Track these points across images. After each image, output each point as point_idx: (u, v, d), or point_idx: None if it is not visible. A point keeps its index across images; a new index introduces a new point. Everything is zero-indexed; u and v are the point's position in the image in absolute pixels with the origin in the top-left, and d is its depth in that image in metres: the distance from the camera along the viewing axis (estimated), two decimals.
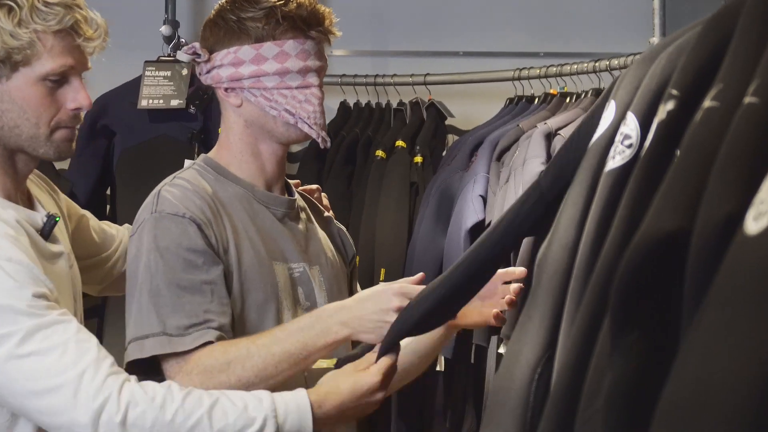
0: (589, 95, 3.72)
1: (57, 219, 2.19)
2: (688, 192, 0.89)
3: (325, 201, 2.58)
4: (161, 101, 4.03)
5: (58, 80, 2.11)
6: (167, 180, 2.25)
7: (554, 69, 3.84)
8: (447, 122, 4.26)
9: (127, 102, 4.07)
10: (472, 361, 3.74)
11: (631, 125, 1.23)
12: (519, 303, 3.29)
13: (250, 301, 2.17)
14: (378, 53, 4.55)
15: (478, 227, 3.65)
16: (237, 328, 2.14)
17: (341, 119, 4.28)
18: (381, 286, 2.08)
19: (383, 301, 2.01)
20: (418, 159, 4.02)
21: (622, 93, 1.33)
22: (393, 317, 1.94)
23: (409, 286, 2.04)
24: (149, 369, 2.11)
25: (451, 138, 4.32)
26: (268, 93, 2.22)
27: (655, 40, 3.54)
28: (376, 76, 4.26)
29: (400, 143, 4.05)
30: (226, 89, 2.27)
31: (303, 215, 2.37)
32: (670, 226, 0.88)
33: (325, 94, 4.42)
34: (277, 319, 2.19)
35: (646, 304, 0.92)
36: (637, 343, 0.93)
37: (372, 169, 4.02)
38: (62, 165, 4.25)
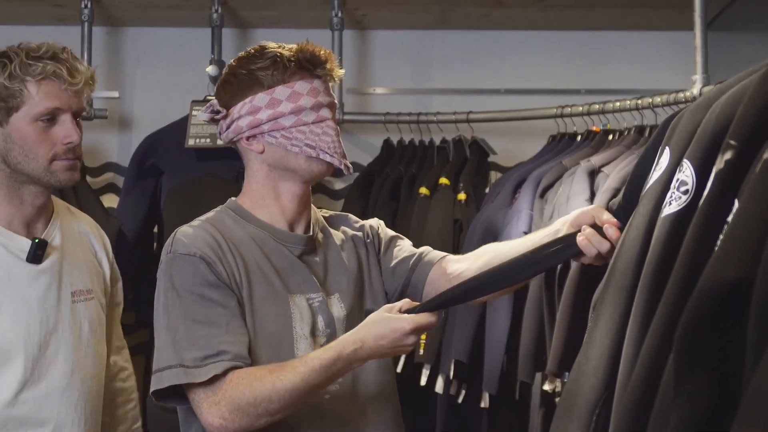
0: (632, 132, 3.73)
1: (37, 241, 2.51)
2: (750, 242, 0.91)
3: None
4: (208, 140, 4.08)
5: (50, 119, 2.48)
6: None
7: (597, 106, 3.85)
8: (490, 159, 4.28)
9: (174, 141, 4.12)
10: (517, 397, 3.75)
11: (687, 172, 1.26)
12: (566, 340, 3.31)
13: (263, 333, 2.27)
14: (421, 91, 4.58)
15: None
16: (252, 358, 2.25)
17: (385, 157, 4.31)
18: (393, 324, 2.16)
19: (401, 340, 2.15)
20: (462, 196, 4.04)
21: (677, 139, 1.36)
22: (410, 348, 2.17)
23: (419, 321, 2.15)
24: (174, 398, 2.24)
25: (494, 175, 4.34)
26: (287, 132, 2.32)
27: (698, 77, 3.55)
28: (420, 114, 4.29)
29: (443, 180, 4.07)
30: (248, 138, 2.37)
31: (324, 245, 2.46)
32: (733, 275, 0.91)
33: (369, 131, 4.52)
34: (291, 350, 2.30)
35: (709, 348, 0.95)
36: (701, 386, 0.95)
37: (416, 207, 4.05)
38: (111, 204, 4.32)
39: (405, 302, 2.20)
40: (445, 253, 2.49)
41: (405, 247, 2.52)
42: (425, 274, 2.44)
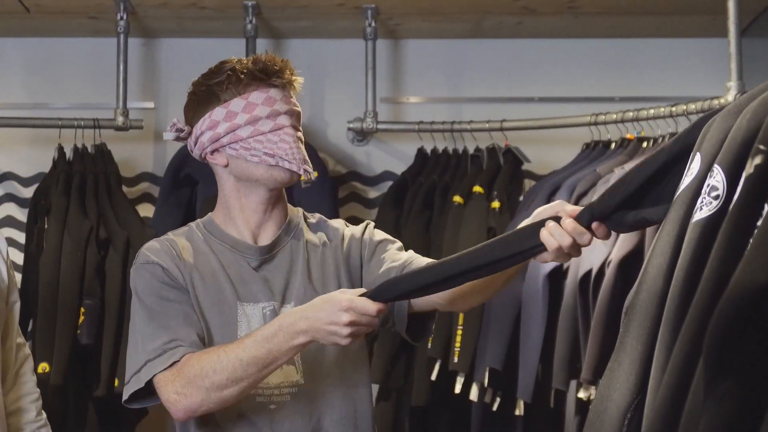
0: (666, 140, 3.73)
1: None
2: None
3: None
4: None
5: None
6: None
7: (631, 114, 3.85)
8: (524, 167, 4.28)
9: None
10: (552, 405, 3.75)
11: (717, 177, 1.27)
12: (601, 348, 3.31)
13: (209, 340, 2.35)
14: (454, 100, 4.60)
15: (557, 272, 3.67)
16: None
17: (419, 165, 4.32)
18: (334, 298, 2.20)
19: (336, 315, 2.17)
20: (496, 204, 4.05)
21: (707, 146, 1.37)
22: (345, 330, 2.15)
23: (356, 302, 2.17)
24: (146, 398, 2.34)
25: (528, 183, 4.34)
26: (245, 143, 2.36)
27: (732, 84, 3.54)
28: (453, 122, 4.30)
29: (477, 189, 4.08)
30: (212, 153, 2.42)
31: (293, 252, 2.46)
32: (763, 279, 0.91)
33: (403, 140, 4.53)
34: None
35: (739, 352, 0.96)
36: (731, 389, 0.96)
37: (450, 215, 4.06)
38: (147, 213, 4.36)
39: (358, 290, 2.22)
40: (432, 260, 2.42)
41: (390, 254, 2.47)
42: None
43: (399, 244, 2.51)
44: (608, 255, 3.41)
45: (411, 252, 2.47)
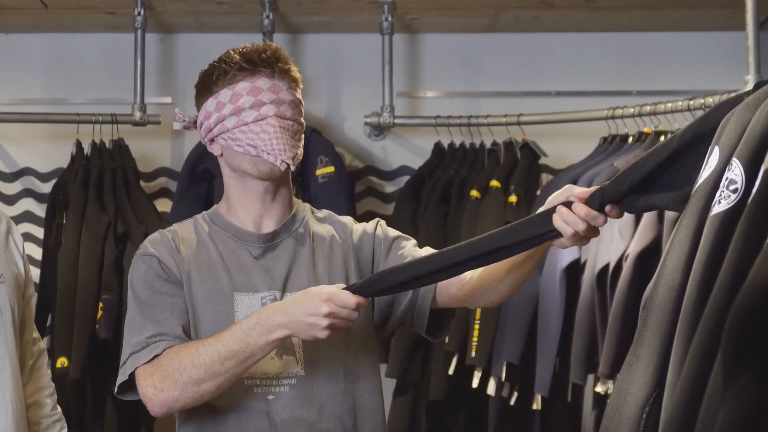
0: None
1: None
2: None
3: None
4: None
5: None
6: None
7: (648, 108, 3.85)
8: (541, 161, 4.27)
9: None
10: (569, 399, 3.75)
11: (736, 171, 1.27)
12: (618, 342, 3.31)
13: (202, 329, 2.35)
14: (471, 94, 4.59)
15: (574, 266, 3.67)
16: None
17: (436, 160, 4.32)
18: (313, 291, 2.21)
19: (314, 306, 2.17)
20: (513, 198, 4.05)
21: (726, 139, 1.37)
22: (324, 321, 2.15)
23: (336, 294, 2.18)
24: (134, 385, 2.34)
25: (545, 177, 4.34)
26: (230, 133, 2.37)
27: (750, 78, 3.53)
28: (470, 117, 4.30)
29: (494, 183, 4.08)
30: (209, 143, 2.44)
31: (298, 242, 2.44)
32: None
33: (420, 134, 4.53)
34: None
35: (758, 346, 0.96)
36: (750, 383, 0.96)
37: (467, 210, 4.06)
38: (164, 208, 4.37)
39: (339, 285, 2.24)
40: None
41: (409, 250, 2.44)
42: None
43: (414, 241, 2.49)
44: (626, 249, 3.41)
45: (427, 248, 2.45)
